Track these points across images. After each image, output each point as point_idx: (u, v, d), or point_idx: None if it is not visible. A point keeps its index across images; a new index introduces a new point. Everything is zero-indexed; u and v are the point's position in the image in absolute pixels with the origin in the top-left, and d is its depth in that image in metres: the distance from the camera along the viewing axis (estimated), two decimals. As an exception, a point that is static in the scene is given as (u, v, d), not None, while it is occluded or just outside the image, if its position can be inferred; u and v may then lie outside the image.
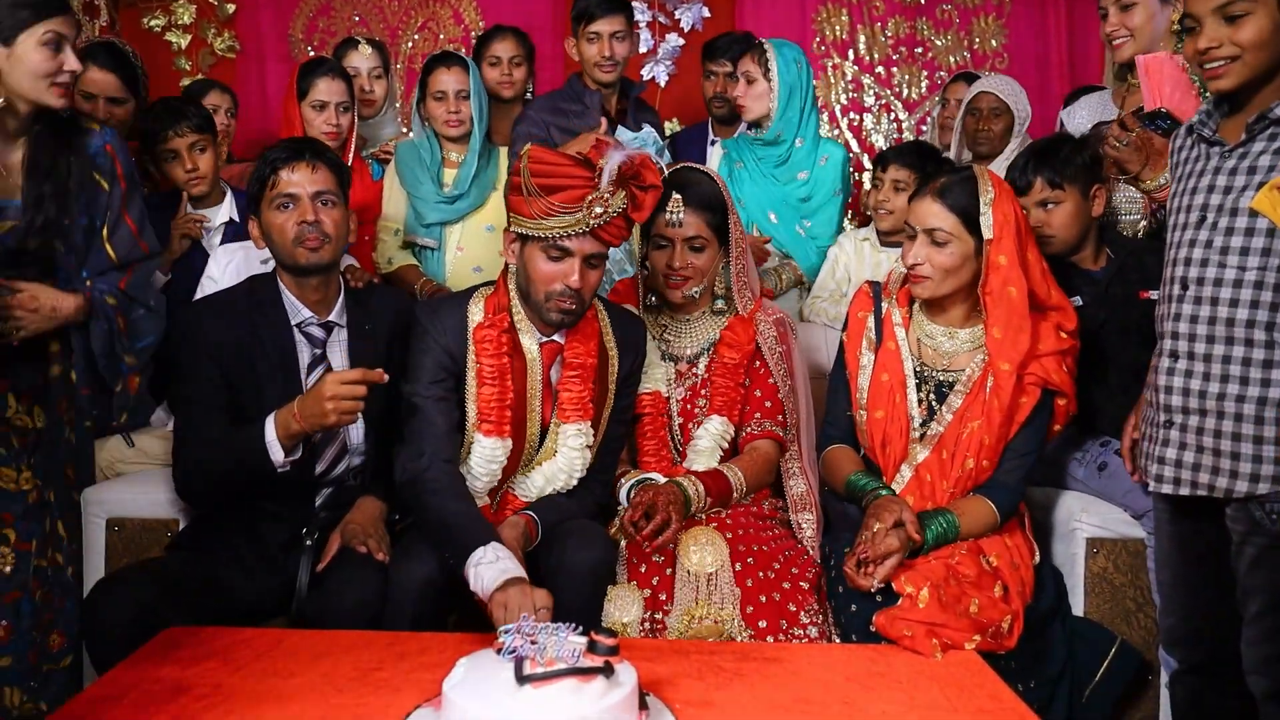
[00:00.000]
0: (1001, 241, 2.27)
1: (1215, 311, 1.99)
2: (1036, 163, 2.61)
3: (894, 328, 2.43)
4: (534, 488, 2.37)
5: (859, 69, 4.87)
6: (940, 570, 2.16)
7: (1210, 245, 2.00)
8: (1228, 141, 2.03)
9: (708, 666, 1.89)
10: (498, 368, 2.30)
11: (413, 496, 2.23)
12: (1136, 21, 2.84)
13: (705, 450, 2.49)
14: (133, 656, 1.88)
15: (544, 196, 2.17)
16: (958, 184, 2.32)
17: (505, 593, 1.94)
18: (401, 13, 4.82)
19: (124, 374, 2.39)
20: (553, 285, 2.23)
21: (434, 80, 3.35)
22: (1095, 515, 2.48)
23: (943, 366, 2.39)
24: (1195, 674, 2.24)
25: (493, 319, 2.32)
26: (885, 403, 2.39)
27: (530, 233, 2.22)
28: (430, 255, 3.36)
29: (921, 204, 2.33)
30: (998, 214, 2.28)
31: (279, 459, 2.18)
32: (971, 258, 2.31)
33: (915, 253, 2.32)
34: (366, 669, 1.83)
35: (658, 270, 2.52)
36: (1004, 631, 2.13)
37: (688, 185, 2.49)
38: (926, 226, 2.30)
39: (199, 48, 4.77)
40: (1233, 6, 1.96)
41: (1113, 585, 2.46)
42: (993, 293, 2.29)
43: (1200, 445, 2.02)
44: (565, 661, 1.52)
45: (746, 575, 2.22)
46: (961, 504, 2.30)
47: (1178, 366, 2.06)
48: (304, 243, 2.27)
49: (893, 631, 2.04)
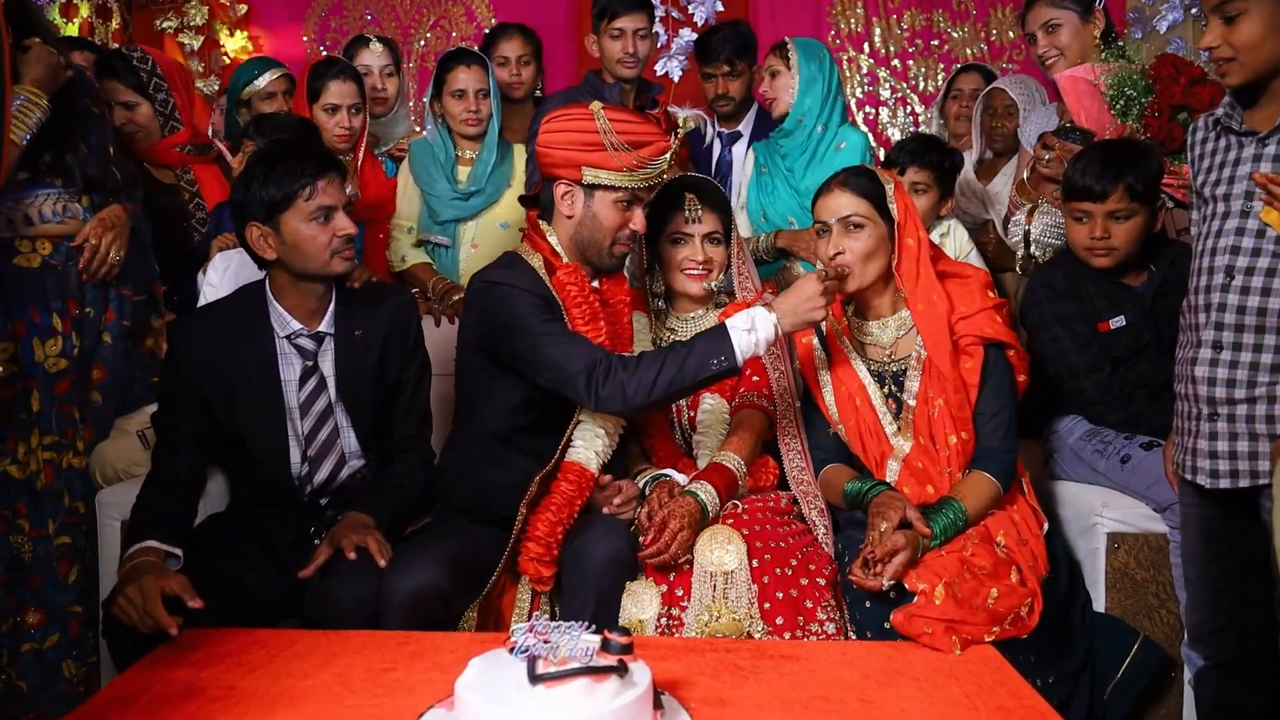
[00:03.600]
0: (908, 225, 2.37)
1: (1265, 301, 1.98)
2: (1119, 169, 2.47)
3: (837, 339, 2.50)
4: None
5: (874, 62, 4.84)
6: (954, 564, 2.14)
7: (1262, 234, 1.98)
8: (1260, 130, 2.00)
9: (724, 665, 1.87)
10: (589, 308, 2.36)
11: (636, 370, 2.21)
12: (1064, 41, 3.01)
13: (713, 427, 2.56)
14: (147, 658, 1.88)
15: (633, 150, 2.30)
16: (858, 175, 2.42)
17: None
18: (414, 10, 4.83)
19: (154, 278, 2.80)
20: (622, 231, 2.37)
21: (453, 78, 3.34)
22: (1116, 510, 2.45)
23: (887, 358, 2.45)
24: (1222, 670, 2.21)
25: (563, 265, 2.37)
26: (852, 412, 2.44)
27: (617, 184, 2.32)
28: (444, 253, 3.35)
29: (830, 197, 2.40)
30: (899, 201, 2.38)
31: None
32: (885, 241, 2.37)
33: (834, 243, 2.36)
34: (379, 669, 1.83)
35: (674, 267, 2.62)
36: (1023, 617, 2.11)
37: (701, 186, 2.65)
38: (841, 215, 2.36)
39: (211, 49, 4.79)
40: (1229, 6, 1.95)
41: (1134, 581, 2.43)
42: (906, 273, 2.37)
43: (1247, 433, 2.01)
44: (578, 661, 1.51)
45: (764, 572, 2.20)
46: (962, 486, 2.29)
47: (1221, 357, 2.03)
48: (344, 250, 2.30)
49: (911, 629, 2.01)
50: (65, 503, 2.49)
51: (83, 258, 2.54)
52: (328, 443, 2.34)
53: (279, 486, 2.32)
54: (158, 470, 2.28)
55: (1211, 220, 2.08)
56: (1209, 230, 2.08)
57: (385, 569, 2.11)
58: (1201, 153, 2.14)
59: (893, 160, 3.21)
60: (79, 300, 2.56)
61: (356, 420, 2.36)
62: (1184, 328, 2.17)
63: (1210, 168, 2.10)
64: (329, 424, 2.34)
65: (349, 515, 2.26)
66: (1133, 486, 2.47)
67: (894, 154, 3.24)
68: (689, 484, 2.37)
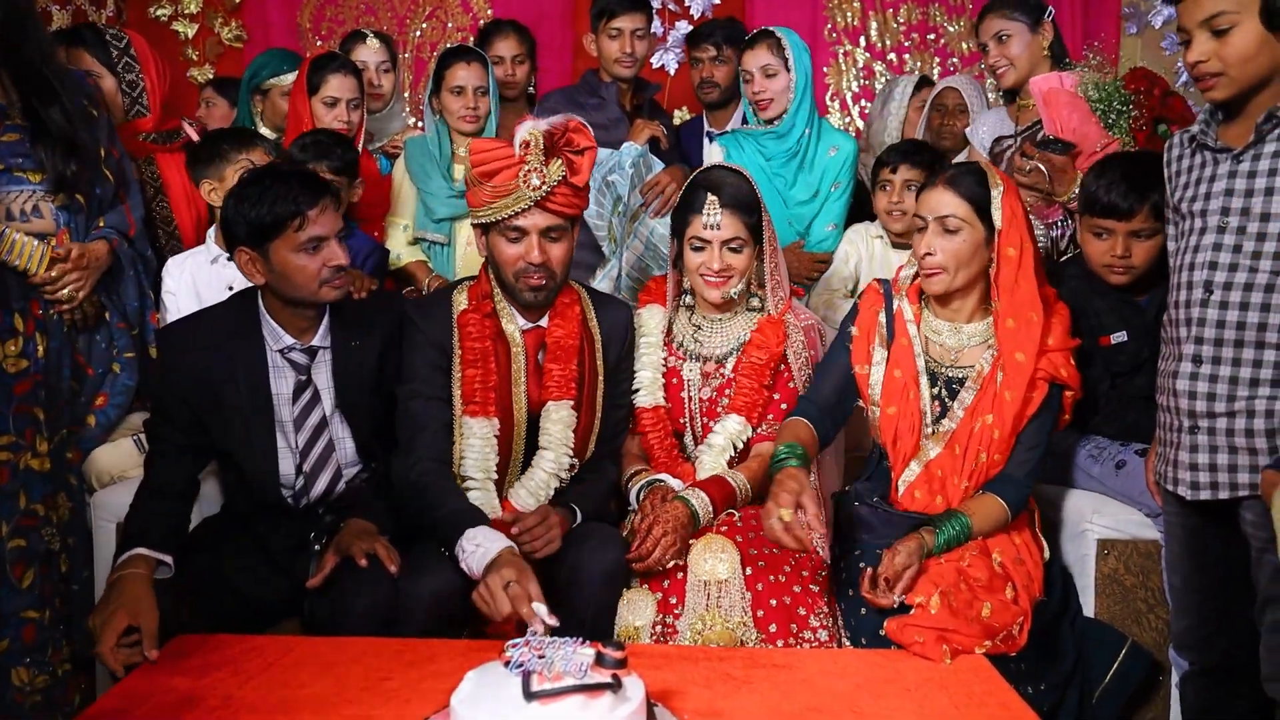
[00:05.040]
0: (1011, 233, 2.24)
1: (1244, 316, 1.99)
2: (1145, 187, 2.39)
3: (906, 324, 2.39)
4: (537, 488, 2.37)
5: (870, 56, 4.82)
6: (950, 574, 2.16)
7: (1239, 250, 2.00)
8: (1234, 146, 2.02)
9: (716, 674, 1.89)
10: (480, 350, 2.35)
11: (409, 496, 2.28)
12: (1014, 51, 3.10)
13: (717, 448, 2.48)
14: (144, 665, 1.89)
15: (485, 183, 2.27)
16: (967, 174, 2.30)
17: (482, 586, 1.99)
18: (409, 1, 4.80)
19: (148, 310, 2.69)
20: (519, 264, 2.31)
21: (451, 75, 3.33)
22: (1107, 516, 2.47)
23: (950, 362, 2.36)
24: (1207, 676, 2.25)
25: (476, 304, 2.38)
26: (899, 398, 2.35)
27: (485, 220, 2.31)
28: (439, 251, 3.35)
29: (933, 193, 2.30)
30: (1006, 206, 2.25)
31: None
32: (982, 247, 2.27)
33: (928, 242, 2.27)
34: (376, 678, 1.84)
35: (694, 272, 2.50)
36: (1014, 635, 2.13)
37: (722, 186, 2.46)
38: (939, 214, 2.27)
39: (206, 37, 4.76)
40: (1218, 20, 1.95)
41: (1123, 586, 2.45)
42: (1004, 283, 2.26)
43: (1226, 446, 2.03)
44: (573, 676, 1.52)
45: (757, 579, 2.22)
46: (973, 503, 2.28)
47: (1201, 371, 2.05)
48: (333, 281, 2.25)
49: (903, 637, 2.03)
50: (21, 505, 2.35)
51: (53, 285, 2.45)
52: (324, 456, 2.33)
53: (269, 497, 2.32)
54: (150, 479, 2.27)
55: (1189, 235, 2.09)
56: (1187, 245, 2.10)
57: (403, 573, 2.13)
58: (1178, 169, 2.16)
59: (884, 161, 3.23)
60: (43, 301, 2.45)
61: (356, 429, 2.35)
62: (1165, 340, 2.19)
63: (1187, 184, 2.12)
64: (324, 436, 2.33)
65: (352, 522, 2.26)
66: (1127, 492, 2.49)
67: (885, 155, 3.26)
68: (683, 490, 2.38)
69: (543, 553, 2.21)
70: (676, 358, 2.58)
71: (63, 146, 2.44)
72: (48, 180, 2.44)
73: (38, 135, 2.41)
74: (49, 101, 2.42)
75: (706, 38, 3.59)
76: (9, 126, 2.40)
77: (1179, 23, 2.04)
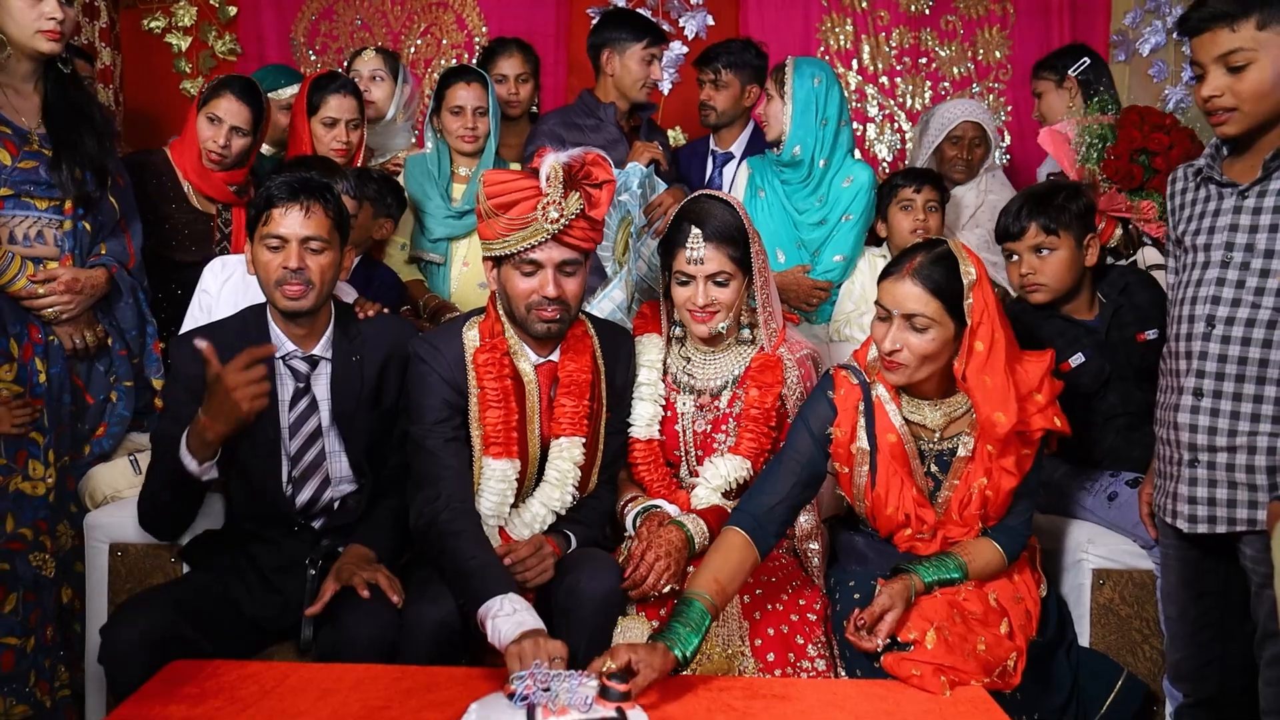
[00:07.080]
0: (980, 329, 2.10)
1: (1246, 351, 2.01)
2: (1031, 209, 2.61)
3: (888, 416, 2.25)
4: (533, 519, 2.36)
5: (863, 79, 4.84)
6: (944, 609, 2.13)
7: (1242, 285, 2.01)
8: (1240, 182, 2.03)
9: (717, 705, 1.88)
10: (501, 390, 2.32)
11: (431, 540, 2.21)
12: (1047, 104, 3.69)
13: (715, 483, 2.45)
14: (138, 693, 1.86)
15: (500, 215, 2.22)
16: (935, 263, 2.13)
17: (521, 645, 1.87)
18: (404, 17, 4.79)
19: (150, 338, 2.73)
20: (533, 298, 2.27)
21: (452, 95, 3.34)
22: (1102, 546, 2.48)
23: (937, 439, 2.26)
24: (1201, 708, 2.25)
25: (491, 342, 2.34)
26: (894, 497, 2.25)
27: (499, 253, 2.26)
28: (436, 271, 3.35)
29: (899, 286, 2.13)
30: (978, 300, 2.10)
31: (192, 467, 2.17)
32: (950, 343, 2.14)
33: (892, 338, 2.13)
34: (374, 707, 1.82)
35: (681, 306, 2.46)
36: (1009, 670, 2.12)
37: (706, 218, 2.40)
38: (906, 311, 2.12)
39: (199, 50, 4.74)
40: (1234, 56, 1.97)
41: (1119, 616, 2.46)
42: (972, 381, 2.10)
43: (1226, 480, 2.04)
44: (577, 709, 1.53)
45: (755, 608, 2.21)
46: (970, 546, 2.24)
47: (1203, 405, 2.06)
48: (284, 287, 2.24)
49: (900, 671, 2.02)
50: (8, 528, 2.36)
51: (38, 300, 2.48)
52: (313, 464, 2.33)
53: (270, 504, 2.30)
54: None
55: (1192, 270, 2.11)
56: (1189, 279, 2.11)
57: (407, 600, 2.11)
58: (1182, 202, 2.18)
59: (897, 184, 3.24)
60: (42, 327, 2.49)
61: (350, 444, 2.35)
62: (1164, 373, 2.20)
63: (1190, 217, 2.13)
64: (316, 446, 2.33)
65: (351, 548, 2.25)
66: (1120, 524, 2.50)
67: (899, 178, 3.28)
68: (679, 515, 2.37)
69: (534, 582, 2.21)
70: (670, 389, 2.55)
71: (92, 170, 2.53)
72: (70, 195, 2.51)
73: (61, 156, 2.47)
74: (84, 127, 2.49)
75: (708, 61, 3.60)
76: (27, 153, 2.43)
77: (1193, 57, 2.05)
